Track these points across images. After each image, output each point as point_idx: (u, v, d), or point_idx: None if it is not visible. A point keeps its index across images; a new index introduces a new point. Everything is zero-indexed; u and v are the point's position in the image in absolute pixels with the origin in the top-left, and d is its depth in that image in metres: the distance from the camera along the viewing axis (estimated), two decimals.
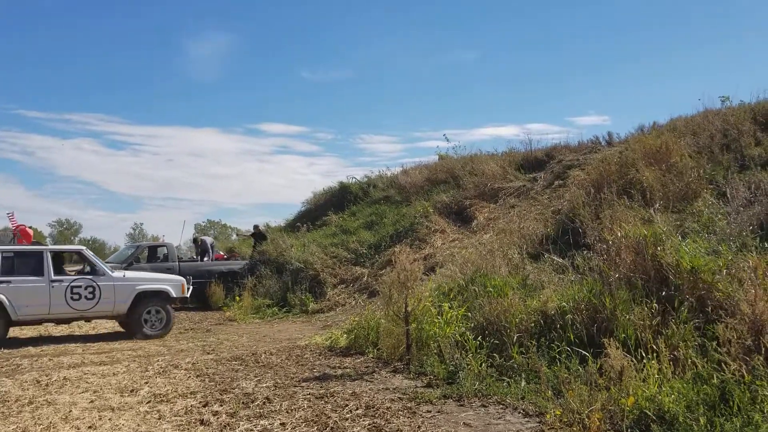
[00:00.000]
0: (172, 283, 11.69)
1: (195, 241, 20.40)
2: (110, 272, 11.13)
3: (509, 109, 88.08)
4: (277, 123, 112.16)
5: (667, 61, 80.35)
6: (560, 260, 9.99)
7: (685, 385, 5.23)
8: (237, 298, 15.55)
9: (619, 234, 7.89)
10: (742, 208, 9.32)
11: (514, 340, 7.02)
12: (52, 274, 10.55)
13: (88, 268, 11.13)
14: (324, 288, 15.37)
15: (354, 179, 23.07)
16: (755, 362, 5.10)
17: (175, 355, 9.25)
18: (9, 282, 10.24)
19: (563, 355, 6.41)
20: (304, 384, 6.95)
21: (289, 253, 16.91)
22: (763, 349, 5.21)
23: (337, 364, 8.11)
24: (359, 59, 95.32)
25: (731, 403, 4.83)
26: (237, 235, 25.85)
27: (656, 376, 5.38)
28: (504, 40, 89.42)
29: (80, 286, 10.66)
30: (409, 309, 7.64)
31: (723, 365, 5.31)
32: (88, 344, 10.43)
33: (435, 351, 7.52)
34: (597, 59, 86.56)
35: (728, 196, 9.99)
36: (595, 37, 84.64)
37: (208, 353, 9.35)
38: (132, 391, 6.79)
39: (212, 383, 7.09)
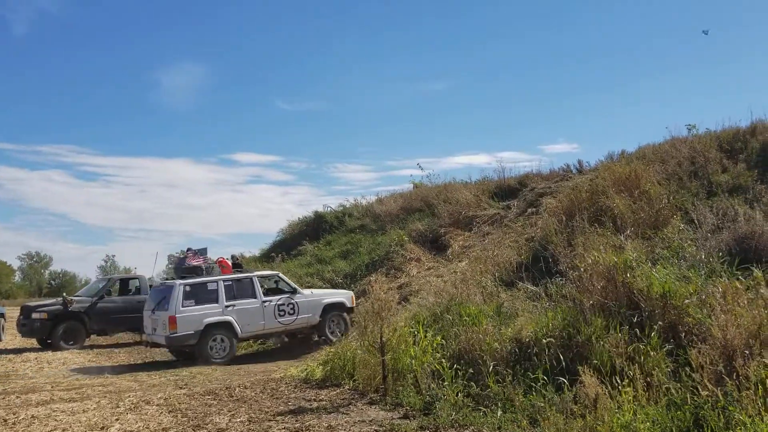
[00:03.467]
0: (345, 296, 13.74)
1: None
2: (302, 291, 13.26)
3: (481, 138, 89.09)
4: (251, 153, 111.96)
5: (634, 90, 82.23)
6: (534, 288, 10.05)
7: (659, 411, 5.27)
8: None
9: (589, 261, 7.98)
10: (710, 234, 9.50)
11: (490, 368, 7.02)
12: (262, 296, 12.50)
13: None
14: None
15: (329, 208, 22.89)
16: (728, 387, 5.16)
17: (147, 390, 9.07)
18: (234, 305, 12.17)
19: (539, 383, 6.42)
20: (278, 418, 6.86)
21: None
22: (735, 373, 5.29)
23: (313, 397, 8.02)
24: (332, 89, 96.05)
25: (705, 428, 4.88)
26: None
27: (631, 402, 5.41)
28: (474, 69, 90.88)
29: (284, 304, 12.71)
30: (384, 339, 7.61)
31: (696, 390, 5.37)
32: (58, 380, 10.19)
33: (411, 381, 7.48)
34: (565, 88, 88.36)
35: (696, 222, 10.18)
36: (562, 66, 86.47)
37: (181, 388, 9.18)
38: (102, 428, 6.64)
39: (185, 419, 6.96)
